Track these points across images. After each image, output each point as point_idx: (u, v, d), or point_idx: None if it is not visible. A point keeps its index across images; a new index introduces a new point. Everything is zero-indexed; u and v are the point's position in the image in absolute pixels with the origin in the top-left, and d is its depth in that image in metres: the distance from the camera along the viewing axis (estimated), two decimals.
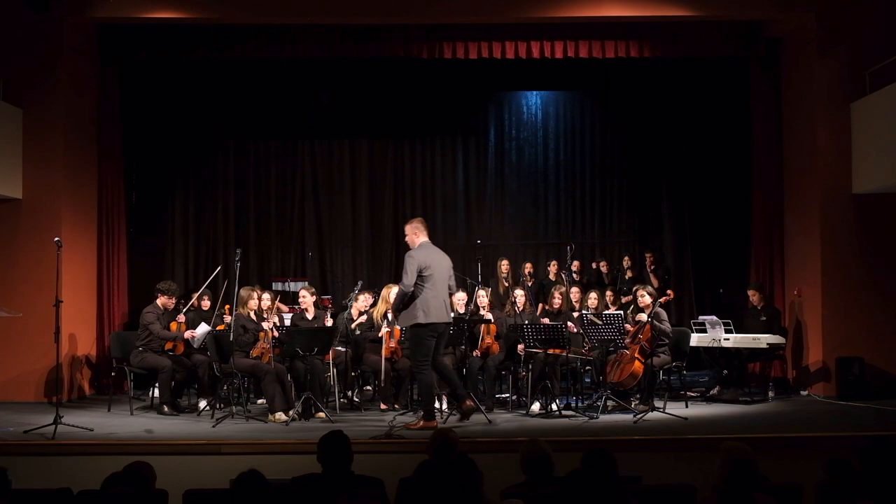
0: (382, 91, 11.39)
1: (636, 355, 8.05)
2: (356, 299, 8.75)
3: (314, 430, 6.91)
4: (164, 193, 11.25)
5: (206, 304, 9.35)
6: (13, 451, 6.34)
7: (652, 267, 10.55)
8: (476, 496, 3.44)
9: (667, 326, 8.31)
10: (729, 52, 10.25)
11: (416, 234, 7.31)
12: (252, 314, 8.17)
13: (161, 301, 8.47)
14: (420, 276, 7.06)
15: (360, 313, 8.77)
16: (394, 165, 11.67)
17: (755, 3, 9.55)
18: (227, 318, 8.63)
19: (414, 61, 10.28)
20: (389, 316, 8.45)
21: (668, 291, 10.07)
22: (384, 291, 8.69)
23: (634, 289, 8.97)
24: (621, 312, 8.66)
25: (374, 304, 8.80)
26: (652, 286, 9.50)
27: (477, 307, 8.58)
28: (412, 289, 7.05)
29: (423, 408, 7.24)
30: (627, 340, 8.19)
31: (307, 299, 8.51)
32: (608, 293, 9.69)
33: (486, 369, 8.39)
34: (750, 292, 9.52)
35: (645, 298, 8.40)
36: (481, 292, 8.61)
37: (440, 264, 7.22)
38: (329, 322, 8.48)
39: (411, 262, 7.10)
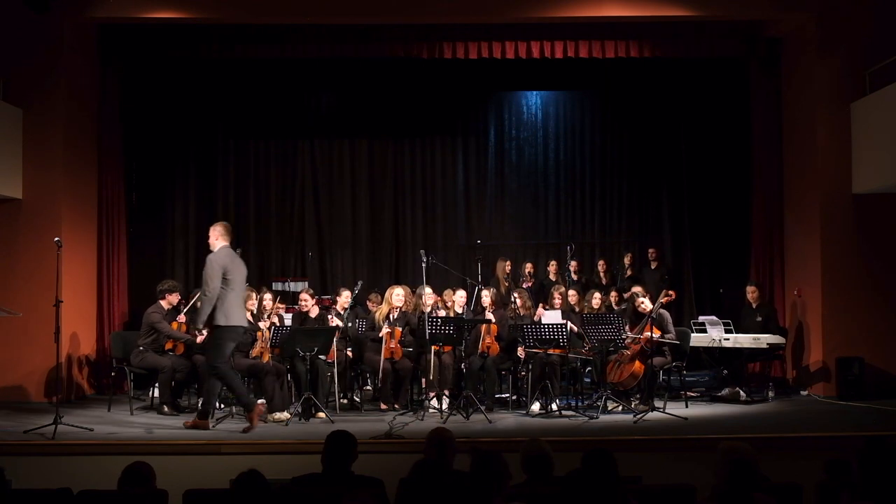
0: (382, 91, 11.39)
1: (636, 355, 8.06)
2: (340, 295, 8.88)
3: (314, 430, 6.94)
4: (164, 193, 11.26)
5: None
6: (13, 451, 6.34)
7: (655, 265, 10.59)
8: (477, 496, 3.43)
9: (671, 333, 8.31)
10: (729, 52, 10.28)
11: (217, 238, 7.31)
12: (248, 315, 8.15)
13: (166, 301, 8.49)
14: (222, 280, 7.10)
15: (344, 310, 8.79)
16: (394, 165, 11.67)
17: (755, 3, 9.55)
18: None
19: (414, 61, 10.29)
20: (390, 317, 8.47)
21: (670, 292, 10.07)
22: (387, 293, 8.69)
23: (631, 292, 8.97)
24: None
25: (353, 305, 8.81)
26: (650, 282, 9.56)
27: (482, 308, 8.59)
28: (218, 292, 7.07)
29: (201, 406, 7.32)
30: (628, 340, 8.19)
31: (308, 302, 8.51)
32: (612, 294, 9.69)
33: (485, 369, 8.40)
34: (749, 289, 9.49)
35: (645, 304, 8.39)
36: (485, 292, 8.61)
37: (239, 269, 7.28)
38: (333, 322, 8.47)
39: (214, 267, 7.10)
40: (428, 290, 8.57)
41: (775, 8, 9.60)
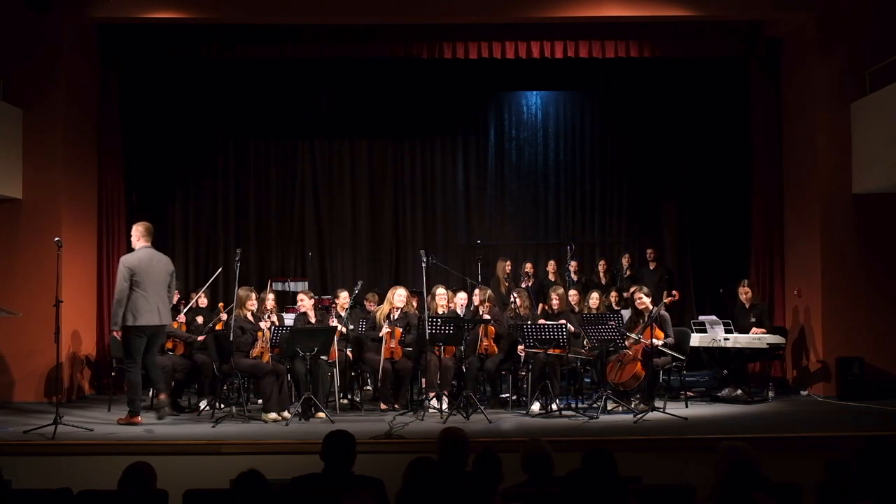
0: (382, 91, 11.40)
1: (638, 356, 8.05)
2: (339, 297, 8.88)
3: (314, 430, 6.93)
4: (164, 193, 11.28)
5: (203, 301, 9.35)
6: (13, 451, 6.34)
7: (653, 265, 10.58)
8: (477, 496, 3.43)
9: (671, 337, 8.29)
10: (729, 52, 10.27)
11: (138, 239, 7.62)
12: (249, 315, 8.15)
13: None
14: (130, 281, 7.36)
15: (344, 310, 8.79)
16: (394, 165, 11.69)
17: (755, 3, 9.55)
18: (223, 316, 8.64)
19: (414, 61, 10.29)
20: (391, 317, 8.47)
21: (674, 292, 10.06)
22: (389, 293, 8.69)
23: (631, 290, 8.96)
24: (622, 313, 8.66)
25: (353, 306, 8.81)
26: (649, 283, 9.52)
27: (474, 307, 8.58)
28: (126, 293, 7.34)
29: (128, 404, 7.52)
30: (629, 341, 8.18)
31: (305, 302, 8.51)
32: (612, 294, 9.68)
33: (484, 370, 8.39)
34: (742, 289, 9.33)
35: (644, 300, 8.38)
36: (476, 291, 8.60)
37: (152, 269, 7.51)
38: (333, 322, 8.47)
39: (121, 269, 7.45)
40: (441, 289, 8.57)
41: (775, 8, 9.60)
